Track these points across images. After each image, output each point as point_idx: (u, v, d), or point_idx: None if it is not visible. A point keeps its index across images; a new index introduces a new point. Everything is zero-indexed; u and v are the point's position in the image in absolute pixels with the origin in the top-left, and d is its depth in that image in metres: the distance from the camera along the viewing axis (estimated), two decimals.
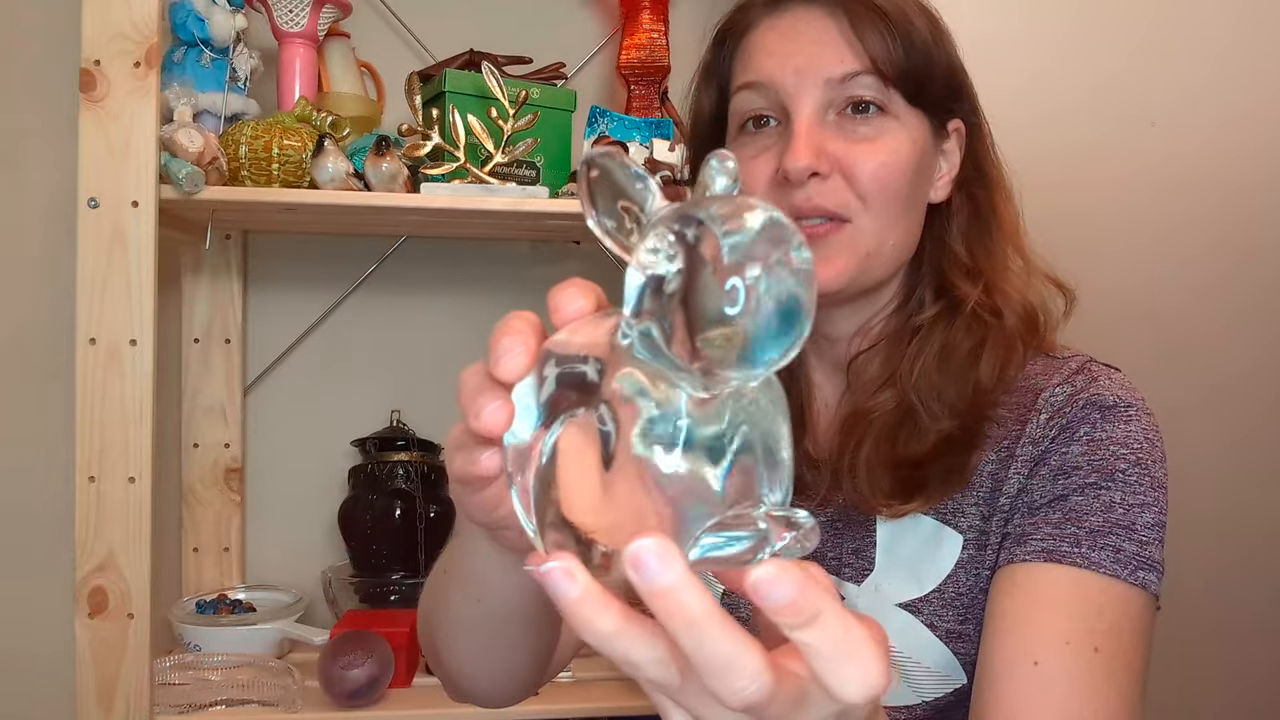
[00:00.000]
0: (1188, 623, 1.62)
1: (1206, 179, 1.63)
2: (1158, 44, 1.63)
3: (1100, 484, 0.70)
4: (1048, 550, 0.69)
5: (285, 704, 1.24)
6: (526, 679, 0.75)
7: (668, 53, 1.48)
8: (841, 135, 0.73)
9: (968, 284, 0.77)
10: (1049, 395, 0.74)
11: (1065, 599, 0.67)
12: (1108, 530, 0.69)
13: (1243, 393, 1.66)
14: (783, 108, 0.74)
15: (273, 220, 1.40)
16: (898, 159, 0.73)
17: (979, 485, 0.74)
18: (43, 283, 1.40)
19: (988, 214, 0.80)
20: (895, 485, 0.74)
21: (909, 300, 0.79)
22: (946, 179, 0.79)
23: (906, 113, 0.75)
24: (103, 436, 1.11)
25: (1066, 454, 0.71)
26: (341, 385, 1.54)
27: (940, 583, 0.74)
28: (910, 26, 0.73)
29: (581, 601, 0.32)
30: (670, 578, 0.31)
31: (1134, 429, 0.72)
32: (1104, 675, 0.65)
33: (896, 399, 0.75)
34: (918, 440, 0.73)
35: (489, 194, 1.24)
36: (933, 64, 0.75)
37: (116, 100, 1.10)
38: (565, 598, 0.32)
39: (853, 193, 0.73)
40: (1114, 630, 0.66)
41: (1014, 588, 0.69)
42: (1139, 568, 0.68)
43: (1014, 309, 0.76)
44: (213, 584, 1.47)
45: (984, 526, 0.74)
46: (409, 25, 1.52)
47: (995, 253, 0.79)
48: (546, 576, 0.32)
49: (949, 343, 0.75)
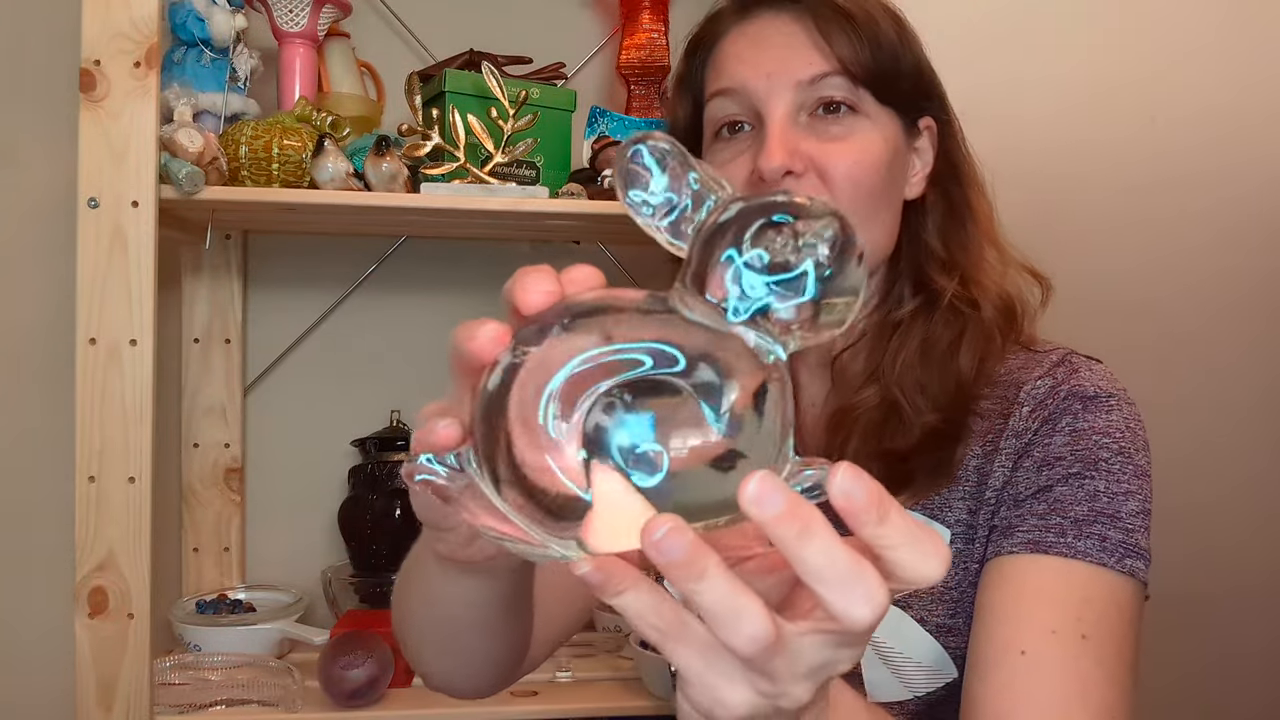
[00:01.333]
0: (1171, 613, 1.63)
1: (1206, 176, 1.63)
2: (1155, 42, 1.63)
3: (1084, 473, 0.71)
4: (1034, 542, 0.69)
5: (285, 704, 1.24)
6: (492, 677, 0.77)
7: (668, 53, 1.48)
8: (814, 135, 0.74)
9: (944, 277, 0.78)
10: (1031, 388, 0.75)
11: (1052, 589, 0.68)
12: (1093, 519, 0.69)
13: (1234, 387, 1.66)
14: (755, 112, 0.76)
15: (273, 220, 1.40)
16: (870, 157, 0.75)
17: (965, 479, 0.75)
18: (43, 283, 1.40)
19: (962, 208, 0.81)
20: (882, 480, 0.73)
21: (888, 297, 0.81)
22: (920, 176, 0.81)
23: (877, 111, 0.76)
24: (103, 436, 1.11)
25: (1049, 445, 0.72)
26: (341, 385, 1.54)
27: None
28: (876, 28, 0.75)
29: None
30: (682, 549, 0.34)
31: (1115, 418, 0.72)
32: (1093, 661, 0.65)
33: (880, 394, 0.76)
34: (903, 434, 0.74)
35: (489, 194, 1.24)
36: (900, 63, 0.76)
37: (116, 100, 1.10)
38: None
39: (827, 191, 0.74)
40: (1102, 618, 0.67)
41: (1001, 580, 0.70)
42: (1125, 555, 0.68)
43: (990, 300, 0.77)
44: (213, 584, 1.47)
45: (971, 520, 0.74)
46: (409, 25, 1.52)
47: (970, 246, 0.80)
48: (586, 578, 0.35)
49: (929, 336, 0.77)
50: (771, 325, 0.36)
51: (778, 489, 0.34)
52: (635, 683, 1.32)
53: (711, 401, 0.35)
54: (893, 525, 0.35)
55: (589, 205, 1.28)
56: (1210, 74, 1.64)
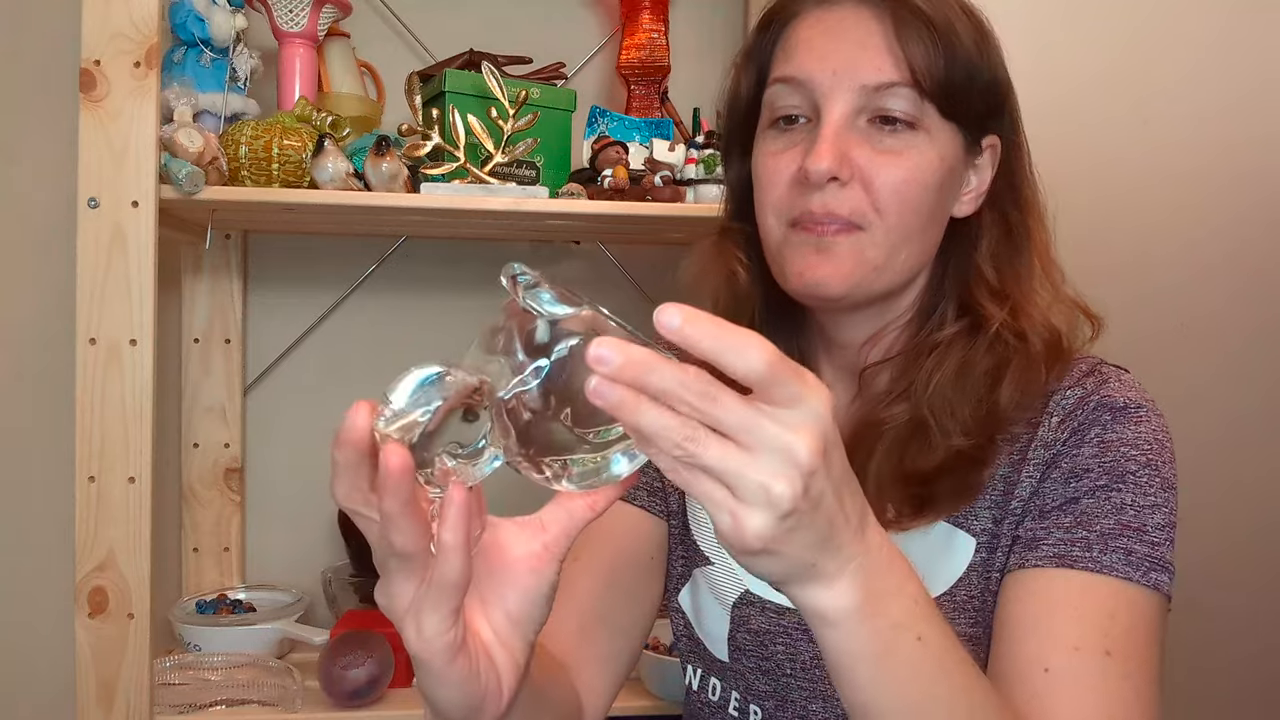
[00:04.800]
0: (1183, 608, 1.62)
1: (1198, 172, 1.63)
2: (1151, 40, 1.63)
3: (1111, 486, 0.70)
4: (1059, 555, 0.68)
5: (285, 704, 1.24)
6: None
7: (668, 53, 1.48)
8: (868, 143, 0.72)
9: (994, 305, 0.75)
10: (1060, 398, 0.74)
11: (1077, 604, 0.67)
12: (1118, 533, 0.68)
13: (1236, 382, 1.66)
14: (815, 106, 0.74)
15: (273, 220, 1.40)
16: (921, 175, 0.72)
17: (991, 488, 0.74)
18: (43, 283, 1.40)
19: (1020, 235, 0.78)
20: (904, 499, 0.74)
21: (929, 315, 0.78)
22: (974, 194, 0.78)
23: (939, 126, 0.73)
24: (103, 436, 1.11)
25: (1078, 456, 0.71)
26: (341, 385, 1.53)
27: (952, 585, 0.74)
28: (955, 37, 0.72)
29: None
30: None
31: (1144, 430, 0.72)
32: (1118, 677, 0.64)
33: (910, 413, 0.74)
34: (926, 455, 0.73)
35: (489, 194, 1.24)
36: (974, 77, 0.74)
37: (116, 100, 1.10)
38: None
39: (869, 202, 0.72)
40: (1127, 633, 0.66)
41: (1025, 594, 0.69)
42: (1151, 569, 0.68)
43: (1039, 334, 0.75)
44: (213, 584, 1.47)
45: (995, 530, 0.73)
46: (409, 25, 1.52)
47: (1024, 276, 0.77)
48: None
49: (967, 360, 0.74)
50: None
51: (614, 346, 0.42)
52: (635, 683, 1.32)
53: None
54: (701, 329, 0.42)
55: (589, 205, 1.28)
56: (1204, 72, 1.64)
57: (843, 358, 0.81)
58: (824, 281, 0.72)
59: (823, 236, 0.72)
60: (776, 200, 0.75)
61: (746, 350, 0.42)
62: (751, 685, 0.80)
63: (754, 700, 0.80)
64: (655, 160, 1.34)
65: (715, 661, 0.83)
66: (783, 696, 0.79)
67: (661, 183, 1.30)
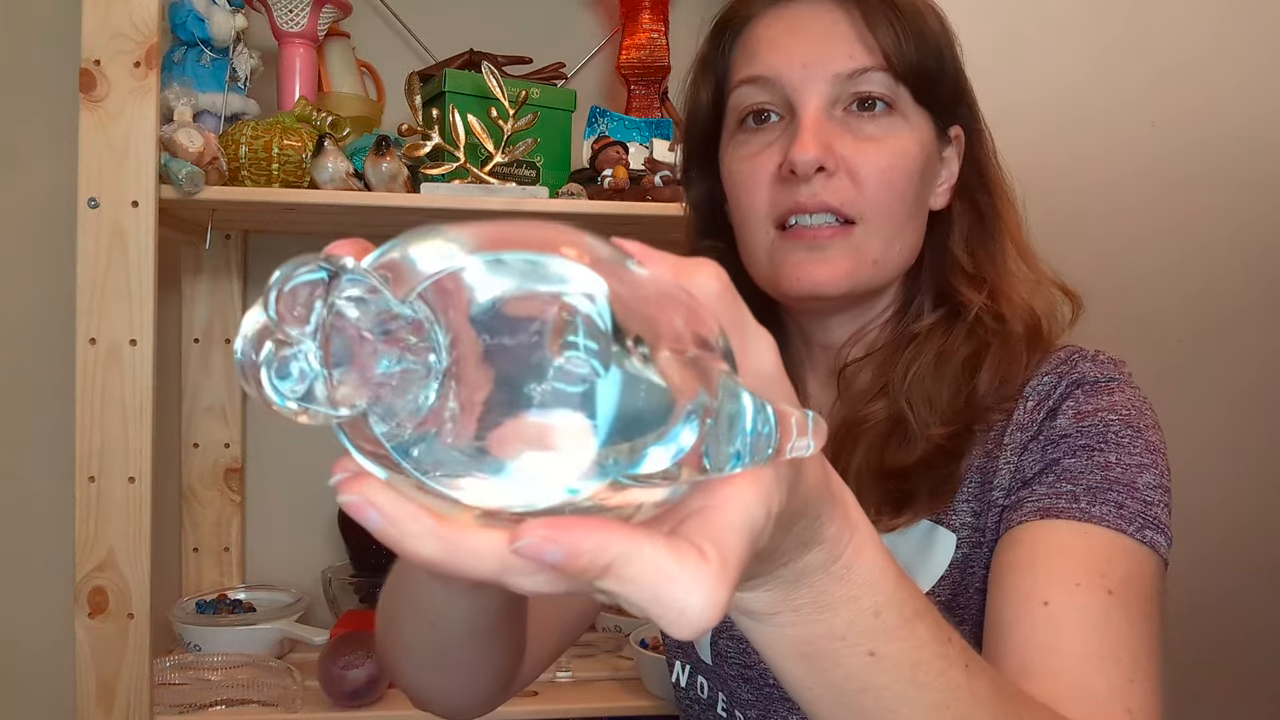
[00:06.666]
0: (1184, 607, 1.62)
1: (1207, 177, 1.63)
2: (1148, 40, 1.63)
3: (1093, 446, 0.67)
4: (1044, 508, 0.65)
5: (285, 704, 1.24)
6: (487, 693, 0.73)
7: (668, 52, 1.48)
8: (848, 132, 0.72)
9: (971, 290, 0.75)
10: (1035, 384, 0.73)
11: (1070, 547, 0.63)
12: (1106, 487, 0.65)
13: (1245, 391, 1.66)
14: (788, 103, 0.73)
15: (273, 220, 1.40)
16: (905, 160, 0.72)
17: (968, 480, 0.73)
18: (43, 283, 1.40)
19: (991, 219, 0.78)
20: (884, 498, 0.72)
21: (906, 309, 0.78)
22: (946, 186, 0.78)
23: (914, 112, 0.73)
24: (102, 436, 1.11)
25: (1054, 427, 0.70)
26: None
27: (934, 583, 0.73)
28: (922, 22, 0.72)
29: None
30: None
31: (1119, 398, 0.70)
32: (1122, 616, 0.59)
33: (888, 408, 0.73)
34: (906, 450, 0.72)
35: (489, 194, 1.24)
36: (943, 63, 0.74)
37: (116, 100, 1.10)
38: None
39: (858, 192, 0.71)
40: (1127, 579, 0.62)
41: (1015, 544, 0.65)
42: (1145, 526, 0.64)
43: (1019, 316, 0.74)
44: (213, 584, 1.47)
45: (976, 524, 0.72)
46: (409, 25, 1.52)
47: (999, 258, 0.77)
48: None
49: (945, 349, 0.74)
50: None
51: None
52: (635, 683, 1.32)
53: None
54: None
55: (589, 205, 1.28)
56: (1210, 77, 1.64)
57: (826, 360, 0.81)
58: (824, 283, 0.72)
59: (815, 241, 0.72)
60: (761, 201, 0.73)
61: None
62: (735, 693, 0.79)
63: (739, 709, 0.79)
64: (655, 160, 1.34)
65: (700, 661, 0.83)
66: (766, 708, 0.77)
67: (661, 183, 1.30)
